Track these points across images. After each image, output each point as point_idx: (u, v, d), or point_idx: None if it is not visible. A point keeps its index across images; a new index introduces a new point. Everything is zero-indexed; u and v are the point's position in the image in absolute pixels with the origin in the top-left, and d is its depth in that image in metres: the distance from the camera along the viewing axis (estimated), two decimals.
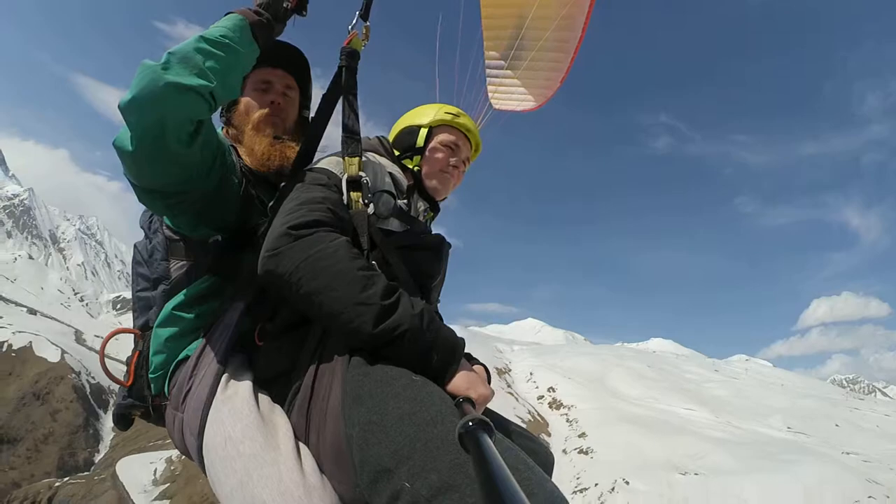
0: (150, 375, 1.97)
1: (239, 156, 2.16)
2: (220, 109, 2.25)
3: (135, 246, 2.20)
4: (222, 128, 2.31)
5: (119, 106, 1.59)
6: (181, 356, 1.91)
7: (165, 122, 1.59)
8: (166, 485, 34.79)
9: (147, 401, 2.02)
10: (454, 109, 2.44)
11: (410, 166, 2.33)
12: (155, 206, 1.91)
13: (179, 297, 1.96)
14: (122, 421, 2.19)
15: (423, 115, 2.42)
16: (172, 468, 36.53)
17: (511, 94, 3.75)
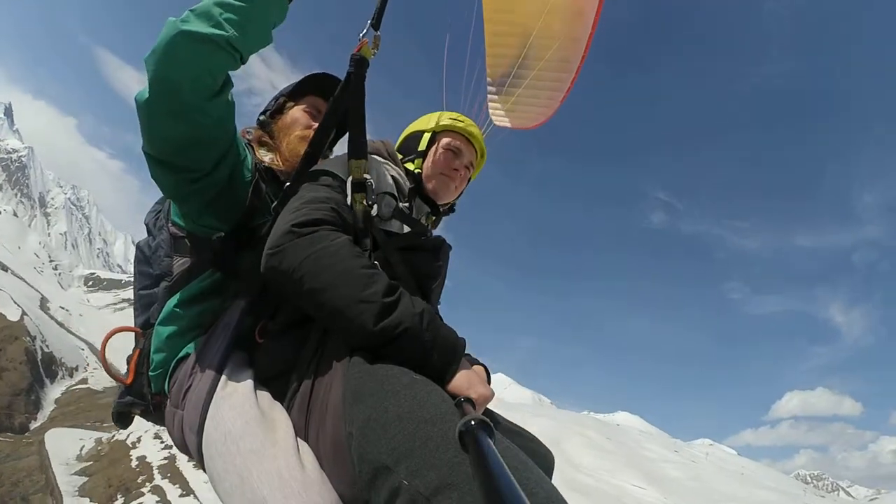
0: (151, 373, 1.96)
1: (254, 153, 2.20)
2: (263, 112, 2.36)
3: (137, 245, 2.22)
4: (242, 130, 2.34)
5: (144, 60, 1.62)
6: (181, 354, 1.91)
7: (182, 71, 1.62)
8: (89, 462, 34.55)
9: (147, 399, 2.02)
10: (459, 115, 2.51)
11: (412, 169, 2.38)
12: (167, 181, 1.88)
13: (181, 295, 1.94)
14: (122, 419, 2.18)
15: (429, 120, 2.49)
16: (99, 448, 36.46)
17: (512, 112, 3.78)
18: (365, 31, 2.18)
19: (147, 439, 36.13)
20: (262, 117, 2.38)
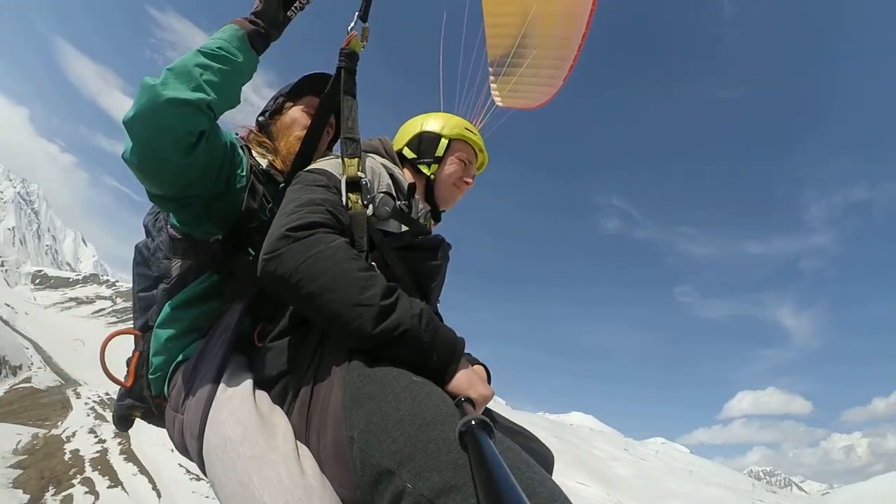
0: (150, 376, 2.01)
1: (251, 154, 2.24)
2: (262, 112, 2.45)
3: (136, 247, 2.27)
4: (239, 130, 2.42)
5: (123, 122, 1.69)
6: (180, 357, 1.96)
7: (164, 135, 1.70)
8: (24, 456, 34.38)
9: (147, 402, 2.07)
10: (472, 126, 2.58)
11: (427, 173, 2.42)
12: (164, 206, 2.00)
13: (179, 297, 2.00)
14: (123, 422, 2.24)
15: (443, 124, 2.51)
16: (35, 443, 36.15)
17: (514, 92, 3.75)
18: (353, 23, 2.21)
19: (82, 434, 35.89)
20: (261, 118, 2.46)
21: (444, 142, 2.44)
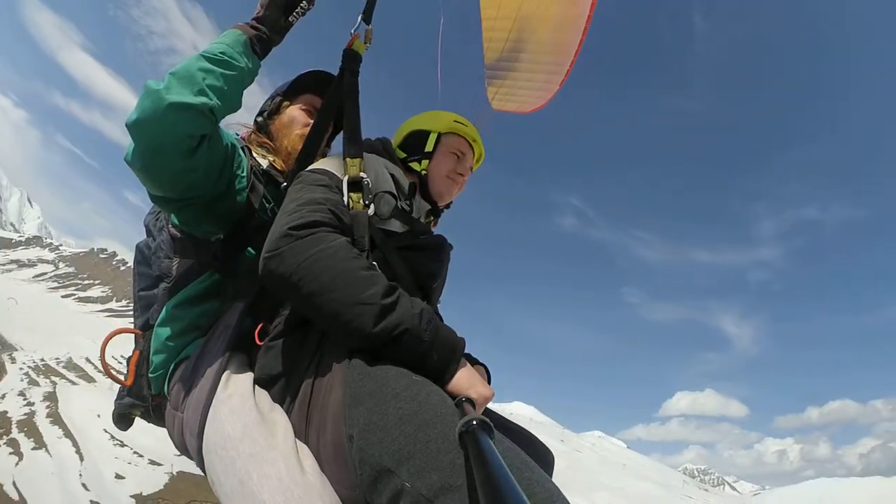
0: (150, 375, 2.02)
1: (251, 155, 2.25)
2: (260, 113, 2.45)
3: (137, 246, 2.27)
4: (242, 131, 2.45)
5: (126, 125, 1.70)
6: (181, 356, 1.97)
7: (166, 139, 1.71)
8: None
9: (147, 400, 2.08)
10: (462, 119, 2.58)
11: (418, 169, 2.44)
12: (165, 207, 2.01)
13: (180, 296, 2.01)
14: (123, 420, 2.25)
15: (433, 120, 2.54)
16: None
17: (510, 96, 3.82)
18: (356, 25, 2.24)
19: (11, 396, 35.12)
20: (259, 119, 2.46)
21: (432, 136, 2.47)
